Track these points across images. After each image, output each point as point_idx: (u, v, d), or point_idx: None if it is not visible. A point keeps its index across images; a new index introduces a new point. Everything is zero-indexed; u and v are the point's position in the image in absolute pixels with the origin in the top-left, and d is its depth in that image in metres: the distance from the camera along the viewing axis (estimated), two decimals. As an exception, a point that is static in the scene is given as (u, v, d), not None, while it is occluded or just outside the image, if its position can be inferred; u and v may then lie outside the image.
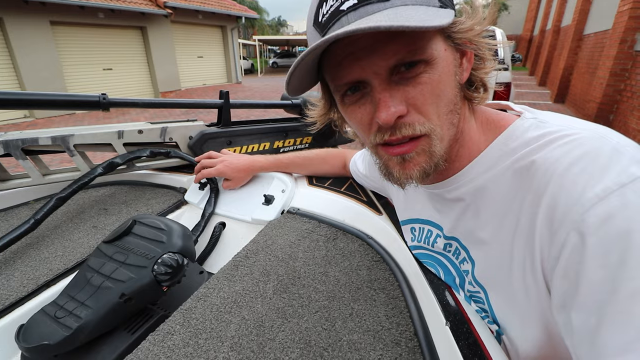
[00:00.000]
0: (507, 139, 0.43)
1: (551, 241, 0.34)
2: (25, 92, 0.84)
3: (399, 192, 0.65)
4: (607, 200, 0.31)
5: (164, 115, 7.38)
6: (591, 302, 0.30)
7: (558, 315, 0.35)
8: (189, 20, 11.58)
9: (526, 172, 0.38)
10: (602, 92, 5.36)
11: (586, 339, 0.31)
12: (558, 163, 0.35)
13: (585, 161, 0.34)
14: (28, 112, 7.82)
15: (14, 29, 7.21)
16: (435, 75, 0.38)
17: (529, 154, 0.39)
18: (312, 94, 1.47)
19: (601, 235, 0.30)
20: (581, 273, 0.31)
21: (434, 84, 0.38)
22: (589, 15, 7.50)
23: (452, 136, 0.43)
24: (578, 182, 0.33)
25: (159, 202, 0.98)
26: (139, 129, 1.00)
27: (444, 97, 0.39)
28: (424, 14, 0.35)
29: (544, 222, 0.35)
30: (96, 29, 9.00)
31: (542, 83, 11.09)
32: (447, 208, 0.51)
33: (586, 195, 0.32)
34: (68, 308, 0.57)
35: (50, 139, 0.88)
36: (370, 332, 0.50)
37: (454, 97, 0.41)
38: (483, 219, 0.44)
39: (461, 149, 0.46)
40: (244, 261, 0.67)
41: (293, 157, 0.97)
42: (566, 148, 0.36)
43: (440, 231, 0.54)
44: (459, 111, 0.42)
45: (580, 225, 0.31)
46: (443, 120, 0.40)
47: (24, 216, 0.87)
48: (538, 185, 0.36)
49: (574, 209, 0.32)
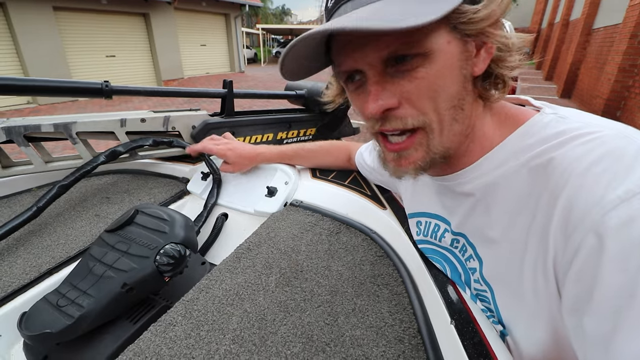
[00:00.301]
0: (524, 135, 0.41)
1: (566, 242, 0.33)
2: (28, 79, 0.83)
3: (407, 185, 0.64)
4: (629, 202, 0.29)
5: (166, 104, 7.35)
6: (607, 306, 0.29)
7: (568, 319, 0.34)
8: (192, 8, 11.44)
9: (543, 170, 0.37)
10: (609, 88, 5.28)
11: (600, 344, 0.30)
12: (578, 162, 0.33)
13: (607, 161, 0.32)
14: (31, 98, 7.80)
15: (16, 15, 7.14)
16: (434, 69, 0.37)
17: (547, 151, 0.37)
18: (316, 84, 1.44)
19: (622, 239, 0.29)
20: (597, 277, 0.30)
21: (431, 78, 0.37)
22: (599, 8, 7.34)
23: (459, 132, 0.42)
24: (599, 183, 0.31)
25: (161, 191, 0.98)
26: (142, 117, 0.99)
27: (443, 92, 0.38)
28: (416, 7, 0.34)
29: (560, 222, 0.34)
30: (99, 15, 8.90)
31: (549, 77, 10.93)
32: (457, 203, 0.49)
33: (608, 197, 0.30)
34: (70, 297, 0.57)
35: (53, 126, 0.87)
36: (373, 328, 0.49)
37: (458, 92, 0.39)
38: (494, 217, 0.43)
39: (472, 144, 0.45)
40: (246, 253, 0.67)
41: (297, 149, 0.96)
42: (588, 147, 0.34)
43: (448, 226, 0.53)
44: (465, 106, 0.40)
45: (600, 228, 0.30)
46: (443, 116, 0.39)
47: (27, 203, 0.87)
48: (556, 184, 0.35)
49: (593, 211, 0.31)
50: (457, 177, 0.47)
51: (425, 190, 0.58)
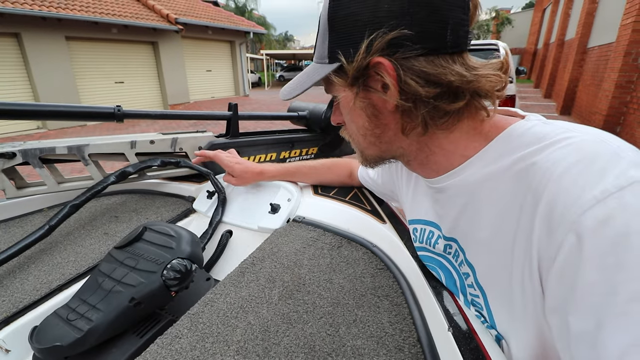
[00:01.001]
0: (507, 138, 0.43)
1: (548, 241, 0.34)
2: (45, 104, 0.88)
3: (408, 194, 0.67)
4: (605, 202, 0.31)
5: (172, 127, 7.52)
6: (588, 304, 0.31)
7: (550, 318, 0.35)
8: (198, 36, 11.92)
9: (525, 174, 0.38)
10: (608, 104, 5.35)
11: (585, 341, 0.31)
12: (558, 164, 0.35)
13: (584, 163, 0.34)
14: (41, 123, 8.02)
15: (31, 44, 7.48)
16: (342, 107, 0.51)
17: (529, 156, 0.39)
18: (317, 105, 1.49)
19: (598, 238, 0.30)
20: (578, 275, 0.31)
21: (343, 113, 0.52)
22: (593, 29, 7.55)
23: (384, 149, 0.51)
24: (576, 184, 0.33)
25: (168, 210, 1.00)
26: (151, 139, 1.03)
27: (352, 123, 0.50)
28: (313, 72, 0.49)
29: (542, 222, 0.35)
30: (109, 44, 9.29)
31: (548, 95, 11.09)
32: (447, 208, 0.51)
33: (584, 197, 0.32)
34: (80, 311, 0.58)
35: (67, 149, 0.91)
36: (373, 338, 0.50)
37: (364, 125, 0.48)
38: (483, 219, 0.44)
39: (432, 156, 0.48)
40: (250, 268, 0.68)
41: (299, 166, 0.99)
42: (566, 150, 0.36)
43: (440, 232, 0.55)
44: (382, 134, 0.48)
45: (578, 227, 0.31)
46: (359, 139, 0.52)
47: (38, 223, 0.90)
48: (537, 185, 0.36)
49: (571, 210, 0.32)
50: (440, 181, 0.50)
51: (422, 198, 0.60)
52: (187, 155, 1.12)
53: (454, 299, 0.50)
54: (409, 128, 0.45)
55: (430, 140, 0.47)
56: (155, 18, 10.08)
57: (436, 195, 0.54)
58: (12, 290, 0.67)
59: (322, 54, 0.46)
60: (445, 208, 0.52)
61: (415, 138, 0.47)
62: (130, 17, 9.18)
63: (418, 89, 0.40)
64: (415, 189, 0.64)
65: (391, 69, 0.40)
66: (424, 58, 0.40)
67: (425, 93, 0.40)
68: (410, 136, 0.47)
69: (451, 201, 0.50)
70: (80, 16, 7.91)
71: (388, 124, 0.47)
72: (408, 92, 0.41)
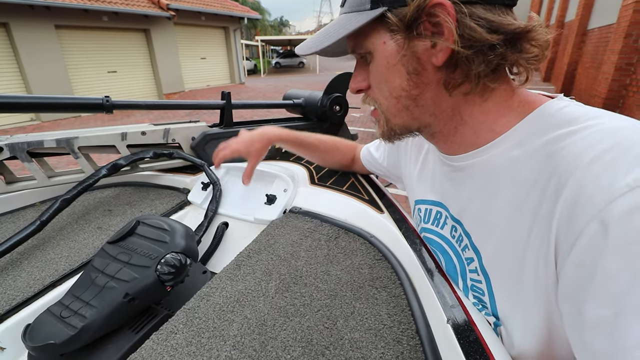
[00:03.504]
0: (539, 117, 0.41)
1: (569, 227, 0.33)
2: (31, 96, 0.85)
3: (413, 174, 0.65)
4: (637, 190, 0.29)
5: (168, 117, 7.43)
6: (608, 292, 0.30)
7: (564, 304, 0.34)
8: (191, 22, 11.64)
9: (553, 157, 0.36)
10: (607, 87, 5.29)
11: (601, 329, 0.30)
12: (590, 149, 0.33)
13: (618, 150, 0.32)
14: (34, 115, 7.91)
15: (19, 34, 7.30)
16: (376, 65, 0.45)
17: (560, 139, 0.37)
18: (313, 93, 1.47)
19: (627, 225, 0.29)
20: (599, 262, 0.30)
21: (375, 72, 0.46)
22: (593, 10, 7.41)
23: (417, 116, 0.46)
24: (607, 171, 0.31)
25: (162, 202, 0.99)
26: (142, 130, 1.01)
27: (386, 84, 0.45)
28: (347, 22, 0.43)
29: (564, 208, 0.34)
30: (100, 32, 9.07)
31: (547, 79, 10.98)
32: (460, 187, 0.50)
33: (616, 184, 0.30)
34: (73, 308, 0.57)
35: (55, 142, 0.89)
36: (371, 331, 0.50)
37: (401, 85, 0.43)
38: (498, 203, 0.42)
39: (461, 127, 0.46)
40: (246, 261, 0.67)
41: (308, 134, 0.92)
42: (599, 136, 0.34)
43: (447, 213, 0.53)
44: (418, 96, 0.44)
45: (605, 214, 0.30)
46: (391, 103, 0.46)
47: (30, 218, 0.89)
48: (564, 170, 0.35)
49: (600, 196, 0.31)
50: (463, 159, 0.48)
51: (429, 177, 0.59)
52: (180, 146, 1.10)
53: (453, 290, 0.49)
54: (453, 85, 0.42)
55: (464, 106, 0.44)
56: (147, 4, 9.80)
57: (451, 174, 0.52)
58: (5, 287, 0.66)
59: (359, 0, 0.42)
60: (458, 187, 0.50)
61: (451, 102, 0.44)
62: (120, 4, 8.92)
63: (484, 34, 0.38)
64: (422, 168, 0.62)
65: (453, 10, 0.37)
66: (481, 6, 0.38)
67: (492, 39, 0.38)
68: (453, 95, 0.43)
69: (467, 181, 0.48)
70: (68, 4, 7.68)
71: (429, 83, 0.43)
72: (469, 40, 0.38)
